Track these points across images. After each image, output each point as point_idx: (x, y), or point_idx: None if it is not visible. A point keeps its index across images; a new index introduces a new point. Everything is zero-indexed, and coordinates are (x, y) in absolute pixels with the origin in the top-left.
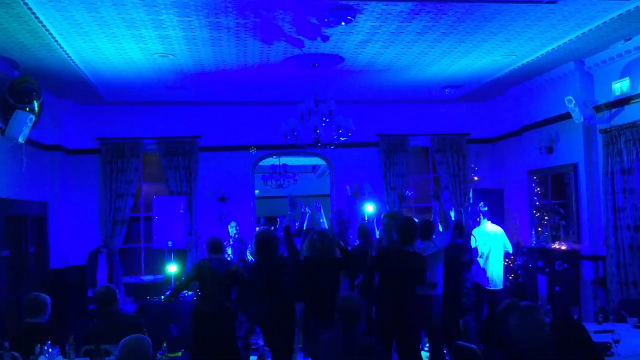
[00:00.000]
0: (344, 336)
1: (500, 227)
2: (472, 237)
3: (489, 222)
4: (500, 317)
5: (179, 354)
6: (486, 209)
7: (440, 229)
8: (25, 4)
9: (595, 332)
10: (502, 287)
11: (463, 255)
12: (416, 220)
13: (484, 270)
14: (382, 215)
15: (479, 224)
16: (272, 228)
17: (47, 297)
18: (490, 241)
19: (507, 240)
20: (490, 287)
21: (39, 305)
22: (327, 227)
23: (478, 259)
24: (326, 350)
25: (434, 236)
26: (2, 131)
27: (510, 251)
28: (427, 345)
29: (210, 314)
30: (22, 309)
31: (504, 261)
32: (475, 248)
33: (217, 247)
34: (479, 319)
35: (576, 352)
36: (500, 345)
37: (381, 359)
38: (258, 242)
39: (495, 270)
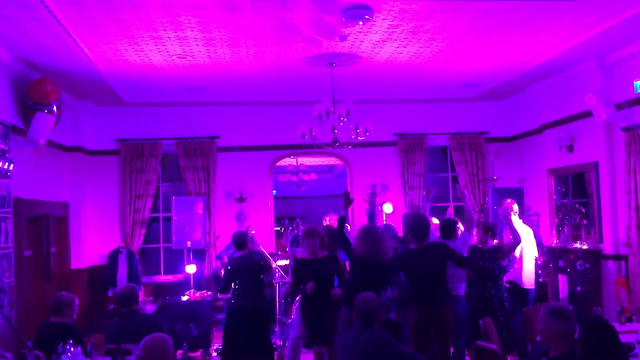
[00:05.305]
0: (359, 333)
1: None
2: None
3: (520, 220)
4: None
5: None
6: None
7: (462, 228)
8: (46, 6)
9: (618, 333)
10: (534, 287)
11: (502, 259)
12: (436, 220)
13: (519, 270)
14: (403, 215)
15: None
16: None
17: (74, 296)
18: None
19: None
20: (525, 286)
21: (64, 305)
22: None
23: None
24: (342, 347)
25: (458, 238)
26: (24, 133)
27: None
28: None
29: (242, 309)
30: (44, 308)
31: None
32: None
33: (241, 242)
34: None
35: (602, 351)
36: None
37: (397, 353)
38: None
39: (527, 269)
